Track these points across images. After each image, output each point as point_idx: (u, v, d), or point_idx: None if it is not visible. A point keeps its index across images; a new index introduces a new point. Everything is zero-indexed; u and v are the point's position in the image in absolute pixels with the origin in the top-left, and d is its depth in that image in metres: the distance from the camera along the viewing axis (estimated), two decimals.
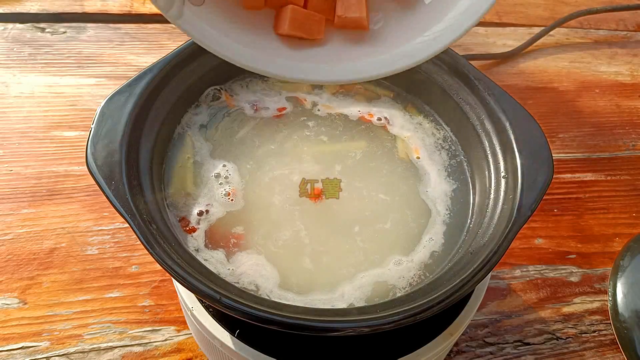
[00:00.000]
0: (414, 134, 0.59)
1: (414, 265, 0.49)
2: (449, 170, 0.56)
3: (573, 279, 0.72)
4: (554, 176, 0.47)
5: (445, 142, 0.58)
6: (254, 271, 0.47)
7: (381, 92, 0.63)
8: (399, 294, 0.46)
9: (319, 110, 0.60)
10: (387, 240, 0.50)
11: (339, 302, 0.46)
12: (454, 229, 0.51)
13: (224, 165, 0.54)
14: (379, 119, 0.59)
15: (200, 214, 0.50)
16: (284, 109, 0.60)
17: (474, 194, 0.54)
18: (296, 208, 0.51)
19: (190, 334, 0.63)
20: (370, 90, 0.63)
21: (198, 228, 0.49)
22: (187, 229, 0.49)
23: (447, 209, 0.53)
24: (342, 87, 0.62)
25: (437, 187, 0.54)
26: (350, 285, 0.47)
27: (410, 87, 0.62)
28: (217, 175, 0.53)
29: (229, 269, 0.47)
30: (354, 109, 0.60)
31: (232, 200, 0.51)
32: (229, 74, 0.60)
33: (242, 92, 0.60)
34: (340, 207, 0.52)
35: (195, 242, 0.48)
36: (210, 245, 0.48)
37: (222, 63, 0.59)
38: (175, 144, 0.54)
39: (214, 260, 0.47)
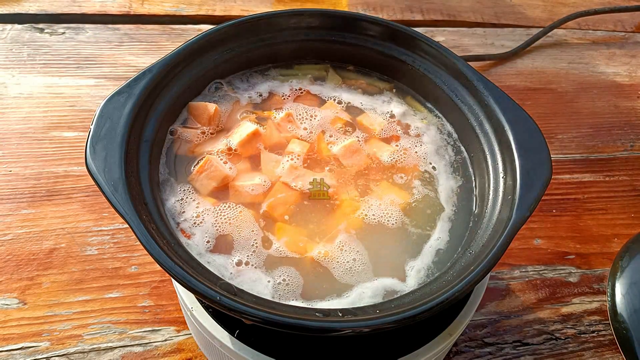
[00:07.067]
0: (419, 128, 0.59)
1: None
2: (455, 166, 0.56)
3: (572, 279, 0.72)
4: (553, 177, 0.47)
5: (450, 138, 0.59)
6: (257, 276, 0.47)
7: (383, 87, 0.63)
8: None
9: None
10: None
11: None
12: (458, 226, 0.52)
13: None
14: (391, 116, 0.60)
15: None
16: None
17: (476, 191, 0.54)
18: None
19: (190, 334, 0.63)
20: (373, 85, 0.63)
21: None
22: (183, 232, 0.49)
23: (453, 206, 0.53)
24: (344, 82, 0.63)
25: (445, 183, 0.55)
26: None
27: (410, 86, 0.62)
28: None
29: (230, 272, 0.47)
30: (357, 101, 0.61)
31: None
32: (229, 70, 0.60)
33: (242, 85, 0.60)
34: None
35: (197, 236, 0.48)
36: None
37: (219, 62, 0.60)
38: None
39: (216, 264, 0.47)
